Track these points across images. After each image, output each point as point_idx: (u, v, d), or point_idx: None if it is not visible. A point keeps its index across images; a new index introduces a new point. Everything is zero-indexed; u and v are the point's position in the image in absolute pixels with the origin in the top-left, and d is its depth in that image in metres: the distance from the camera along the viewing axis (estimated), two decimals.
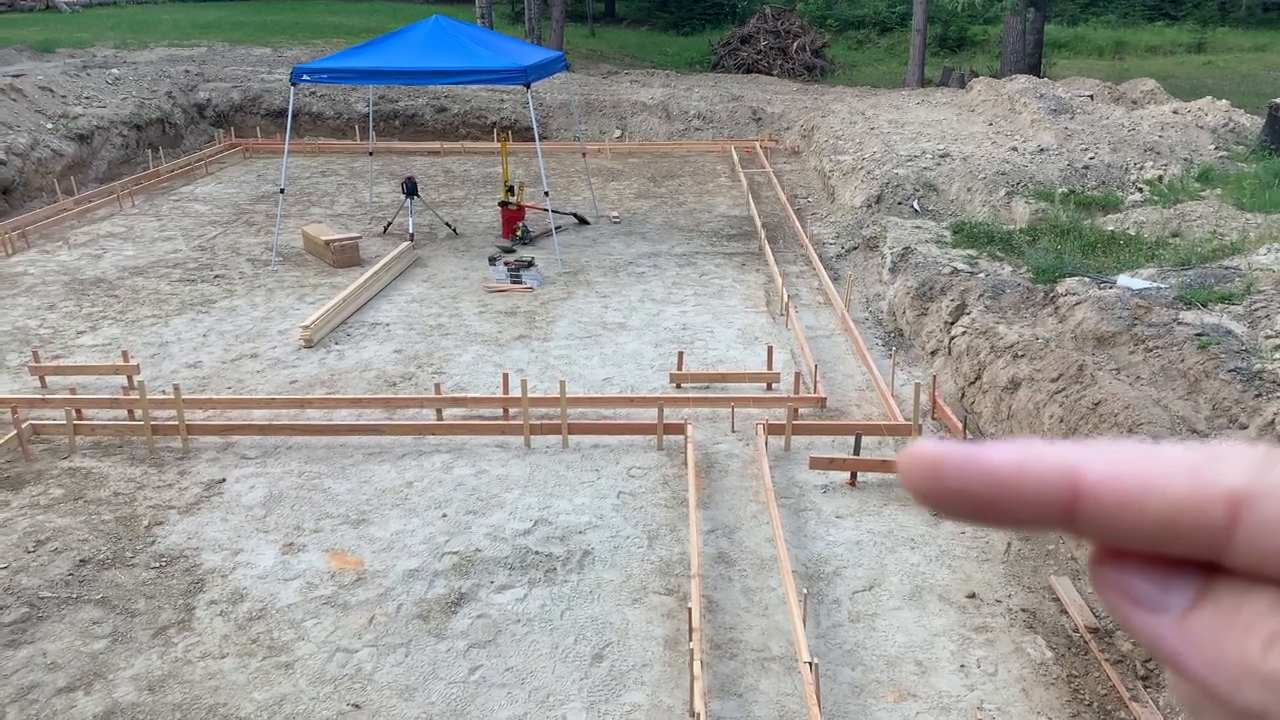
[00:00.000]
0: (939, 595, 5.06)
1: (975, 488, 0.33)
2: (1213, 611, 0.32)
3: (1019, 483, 0.33)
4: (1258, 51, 27.25)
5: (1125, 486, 0.32)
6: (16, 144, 12.87)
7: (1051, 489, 0.32)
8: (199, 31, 25.45)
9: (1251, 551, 0.31)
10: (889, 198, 11.07)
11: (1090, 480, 0.32)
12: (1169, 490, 0.31)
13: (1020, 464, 0.33)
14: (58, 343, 8.37)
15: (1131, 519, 0.32)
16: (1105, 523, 0.32)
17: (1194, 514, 0.31)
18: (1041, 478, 0.33)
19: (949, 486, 0.33)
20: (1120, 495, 0.32)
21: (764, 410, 6.93)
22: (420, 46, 10.24)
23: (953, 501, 0.34)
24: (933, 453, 0.34)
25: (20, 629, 4.81)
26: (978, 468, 0.33)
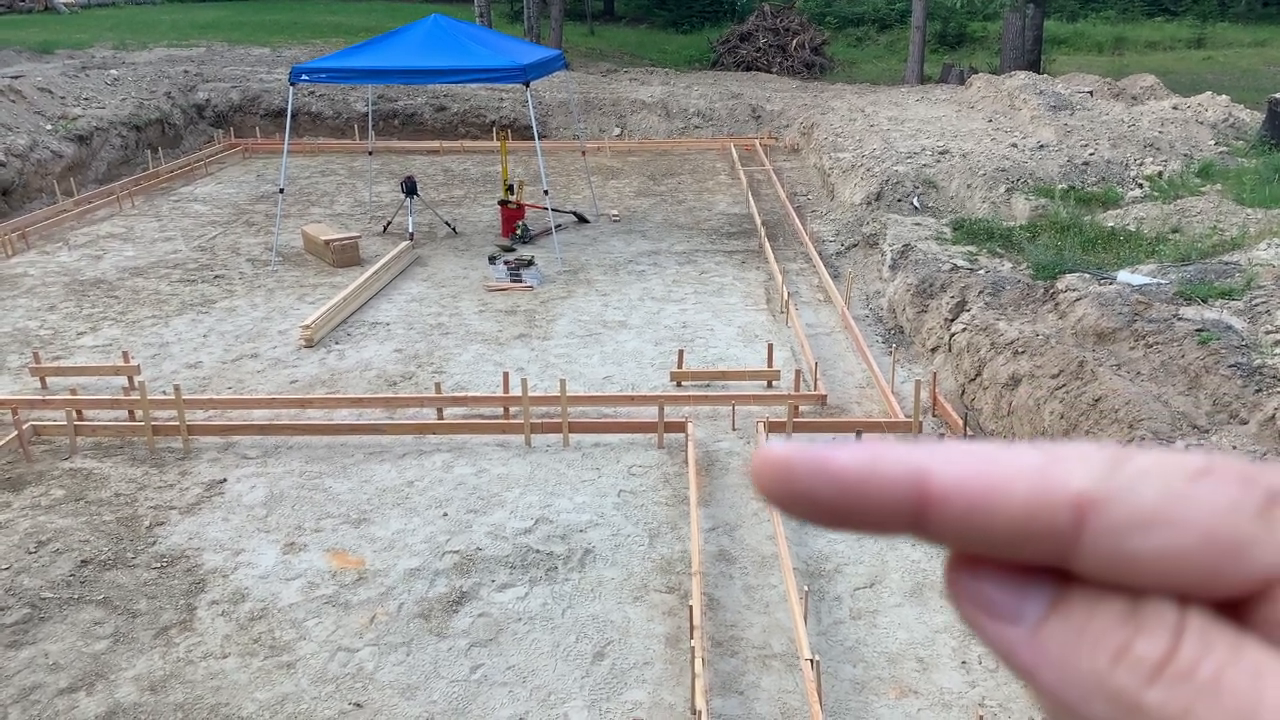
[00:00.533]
0: (940, 592, 5.06)
1: (822, 492, 0.32)
2: (1064, 623, 0.31)
3: (866, 487, 0.32)
4: (1257, 47, 27.23)
5: (972, 490, 0.31)
6: (16, 145, 12.88)
7: (899, 493, 0.31)
8: (198, 32, 25.45)
9: (1098, 557, 0.30)
10: (889, 195, 11.07)
11: (938, 484, 0.31)
12: (1015, 494, 0.30)
13: (868, 467, 0.32)
14: (58, 344, 8.38)
15: (979, 524, 0.31)
16: (954, 528, 0.31)
17: (1041, 518, 0.30)
18: (889, 482, 0.31)
19: (797, 490, 0.32)
20: (967, 499, 0.31)
21: (764, 408, 6.93)
22: (419, 46, 10.24)
23: (801, 505, 0.33)
24: (781, 455, 0.33)
25: (22, 630, 4.82)
26: (825, 471, 0.32)
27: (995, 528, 0.31)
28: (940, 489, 0.31)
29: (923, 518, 0.31)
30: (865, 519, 0.32)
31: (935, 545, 0.32)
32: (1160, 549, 0.29)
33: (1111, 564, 0.30)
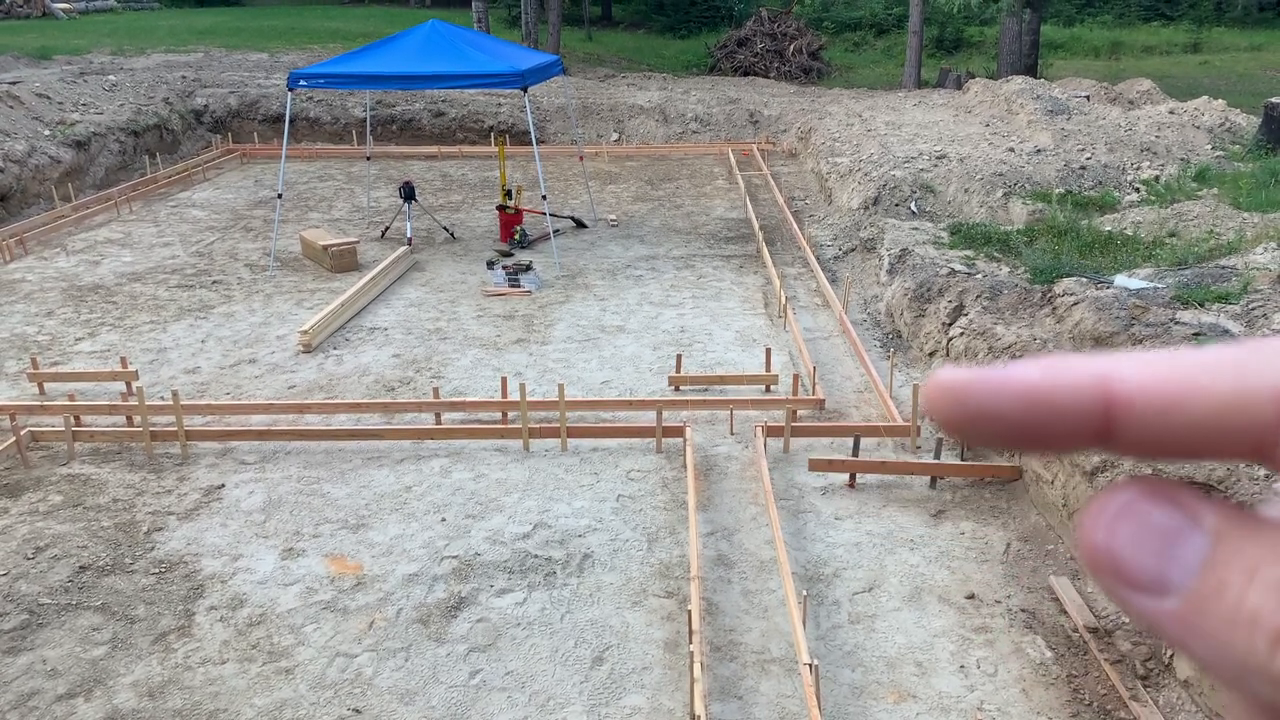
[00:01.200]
0: (938, 596, 5.06)
1: (1004, 408, 0.31)
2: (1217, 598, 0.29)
3: (1049, 398, 0.30)
4: (1254, 51, 27.29)
5: (1164, 390, 0.29)
6: (14, 151, 12.88)
7: (1085, 401, 0.30)
8: (196, 37, 25.47)
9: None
10: (886, 199, 11.08)
11: (1126, 388, 0.30)
12: (1213, 389, 0.29)
13: (1049, 378, 0.31)
14: (56, 349, 8.37)
15: (1173, 424, 0.29)
16: (1146, 432, 0.30)
17: (1241, 412, 0.28)
18: (1073, 390, 0.30)
19: (977, 410, 0.31)
20: (1160, 399, 0.29)
21: (763, 412, 6.94)
22: (417, 51, 10.25)
23: (982, 426, 0.31)
24: (957, 378, 0.32)
25: (20, 636, 4.81)
26: (1005, 388, 0.31)
27: (1189, 427, 0.29)
28: (1128, 392, 0.30)
29: (1110, 425, 0.30)
30: (1051, 433, 0.31)
31: (1124, 455, 0.31)
32: None
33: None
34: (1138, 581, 0.30)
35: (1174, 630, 0.30)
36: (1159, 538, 0.30)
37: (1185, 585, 0.29)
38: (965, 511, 5.83)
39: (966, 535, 5.59)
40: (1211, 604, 0.29)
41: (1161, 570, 0.30)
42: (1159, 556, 0.30)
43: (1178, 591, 0.29)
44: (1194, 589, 0.29)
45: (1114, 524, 0.31)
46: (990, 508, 5.86)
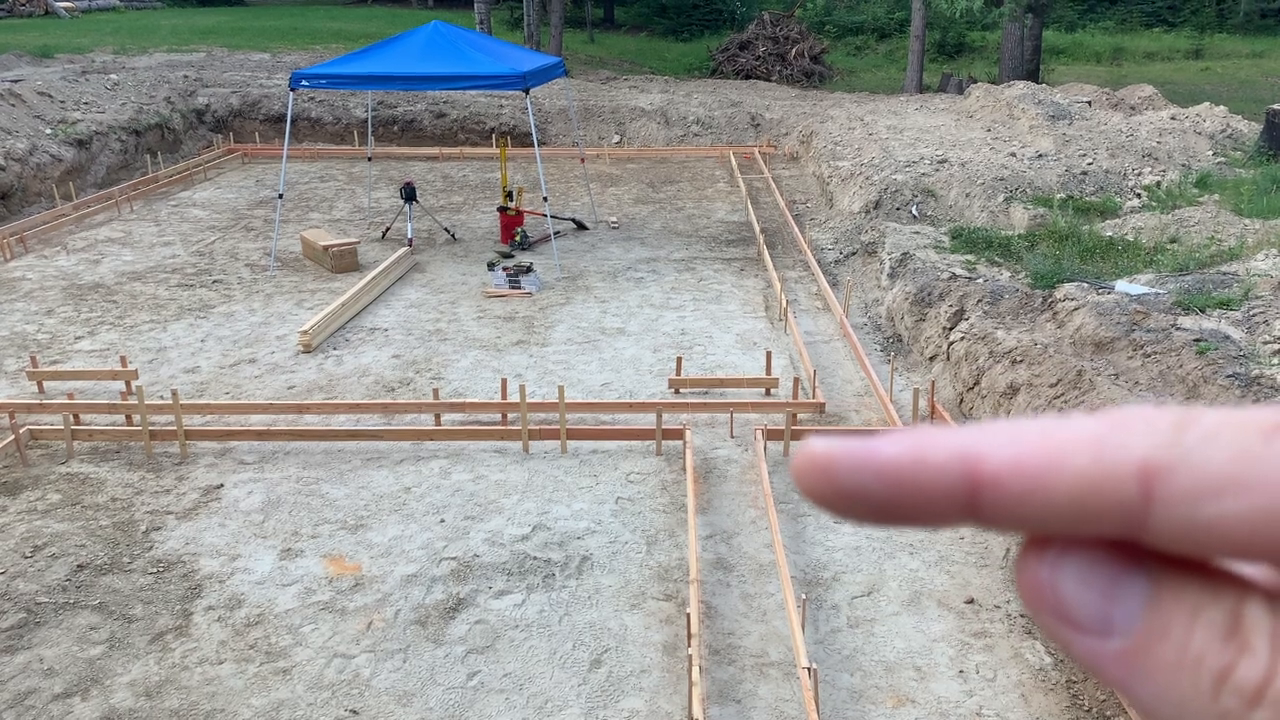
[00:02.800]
0: (938, 601, 5.05)
1: (870, 487, 0.30)
2: (1161, 639, 0.28)
3: (915, 477, 0.30)
4: (1255, 58, 27.31)
5: (1026, 468, 0.29)
6: (15, 149, 12.88)
7: (951, 480, 0.29)
8: (198, 37, 25.48)
9: (1170, 529, 0.28)
10: (887, 203, 11.08)
11: (989, 466, 0.29)
12: (1074, 467, 0.28)
13: (915, 457, 0.30)
14: (56, 348, 8.37)
15: (1037, 504, 0.29)
16: (1012, 510, 0.29)
17: (1104, 492, 0.28)
18: (939, 469, 0.29)
19: (843, 488, 0.30)
20: (1022, 479, 0.29)
21: (763, 415, 6.93)
22: (419, 52, 10.26)
23: (848, 504, 0.31)
24: (823, 453, 0.31)
25: (17, 634, 4.80)
26: (870, 466, 0.30)
27: (1055, 506, 0.29)
28: (993, 471, 0.29)
29: (977, 503, 0.29)
30: (916, 512, 0.30)
31: (994, 530, 0.30)
32: (1238, 515, 0.27)
33: (1185, 535, 0.28)
34: (1081, 623, 0.30)
35: (1117, 672, 0.29)
36: (1103, 578, 0.30)
37: (1129, 627, 0.29)
38: None
39: (966, 540, 5.58)
40: (1156, 645, 0.28)
41: (1105, 611, 0.29)
42: (1103, 597, 0.29)
43: (1122, 633, 0.29)
44: (1138, 630, 0.29)
45: (1057, 564, 0.30)
46: None
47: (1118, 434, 0.28)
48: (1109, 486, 0.28)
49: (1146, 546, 0.29)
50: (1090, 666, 0.30)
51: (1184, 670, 0.28)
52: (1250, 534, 0.27)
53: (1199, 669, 0.28)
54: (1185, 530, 0.28)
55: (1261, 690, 0.27)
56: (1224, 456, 0.27)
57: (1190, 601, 0.29)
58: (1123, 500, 0.28)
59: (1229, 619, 0.28)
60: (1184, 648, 0.28)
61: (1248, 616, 0.28)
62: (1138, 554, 0.30)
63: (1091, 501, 0.28)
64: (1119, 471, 0.28)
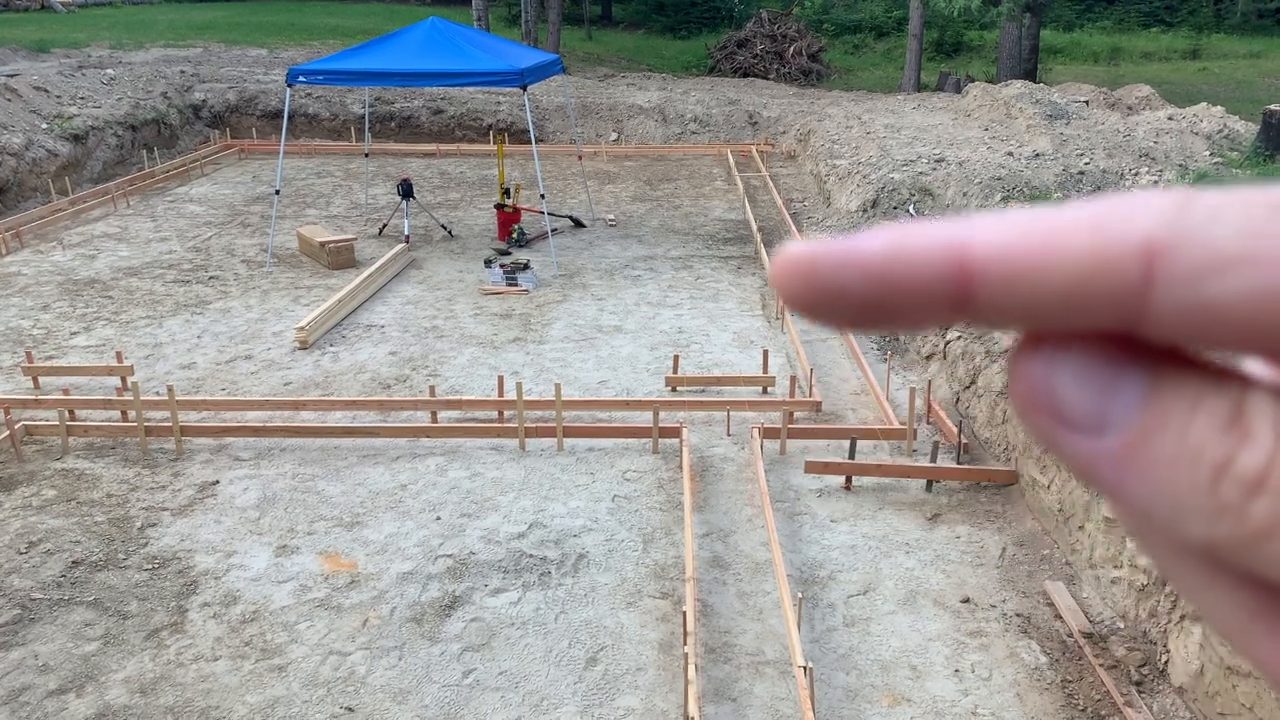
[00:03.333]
0: (933, 600, 5.06)
1: (852, 284, 0.29)
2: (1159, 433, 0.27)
3: (900, 270, 0.28)
4: (1253, 58, 27.36)
5: (1020, 254, 0.27)
6: (11, 144, 12.84)
7: (937, 271, 0.28)
8: (195, 32, 25.42)
9: (1172, 313, 0.26)
10: (885, 202, 11.09)
11: (979, 254, 0.28)
12: (1071, 250, 0.27)
13: (900, 249, 0.28)
14: (51, 343, 8.35)
15: (1031, 291, 0.27)
16: (1003, 300, 0.28)
17: (1102, 275, 0.26)
18: (924, 260, 0.28)
19: (823, 287, 0.29)
20: (1015, 265, 0.27)
21: (759, 414, 6.93)
22: (417, 48, 10.24)
23: (831, 304, 0.29)
24: (803, 252, 0.29)
25: (12, 630, 4.79)
26: (852, 260, 0.29)
27: (1050, 292, 0.27)
28: (983, 257, 0.28)
29: (966, 294, 0.28)
30: (901, 308, 0.29)
31: (984, 326, 0.29)
32: (1244, 292, 0.25)
33: (1188, 319, 0.26)
34: (1076, 420, 0.28)
35: (1111, 472, 0.28)
36: (1099, 373, 0.28)
37: (1126, 422, 0.28)
38: (961, 515, 5.83)
39: (962, 539, 5.59)
40: (1152, 439, 0.27)
41: (1101, 407, 0.28)
42: (1100, 393, 0.28)
43: (1117, 429, 0.28)
44: (1135, 425, 0.27)
45: (1051, 361, 0.29)
46: (986, 512, 5.86)
47: (1117, 215, 0.27)
48: (1109, 267, 0.26)
49: (1146, 340, 0.28)
50: (1083, 469, 0.29)
51: (1181, 464, 0.27)
52: (1255, 312, 0.25)
53: (1198, 461, 0.27)
54: (1188, 312, 0.26)
55: (1263, 478, 0.26)
56: (1229, 232, 0.26)
57: (1190, 393, 0.27)
58: (1123, 282, 0.26)
59: (1231, 409, 0.27)
60: (1182, 440, 0.27)
61: (1250, 406, 0.27)
62: (1136, 350, 0.28)
63: (1090, 285, 0.27)
64: (1119, 251, 0.26)
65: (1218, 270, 0.25)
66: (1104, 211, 0.27)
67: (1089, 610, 4.92)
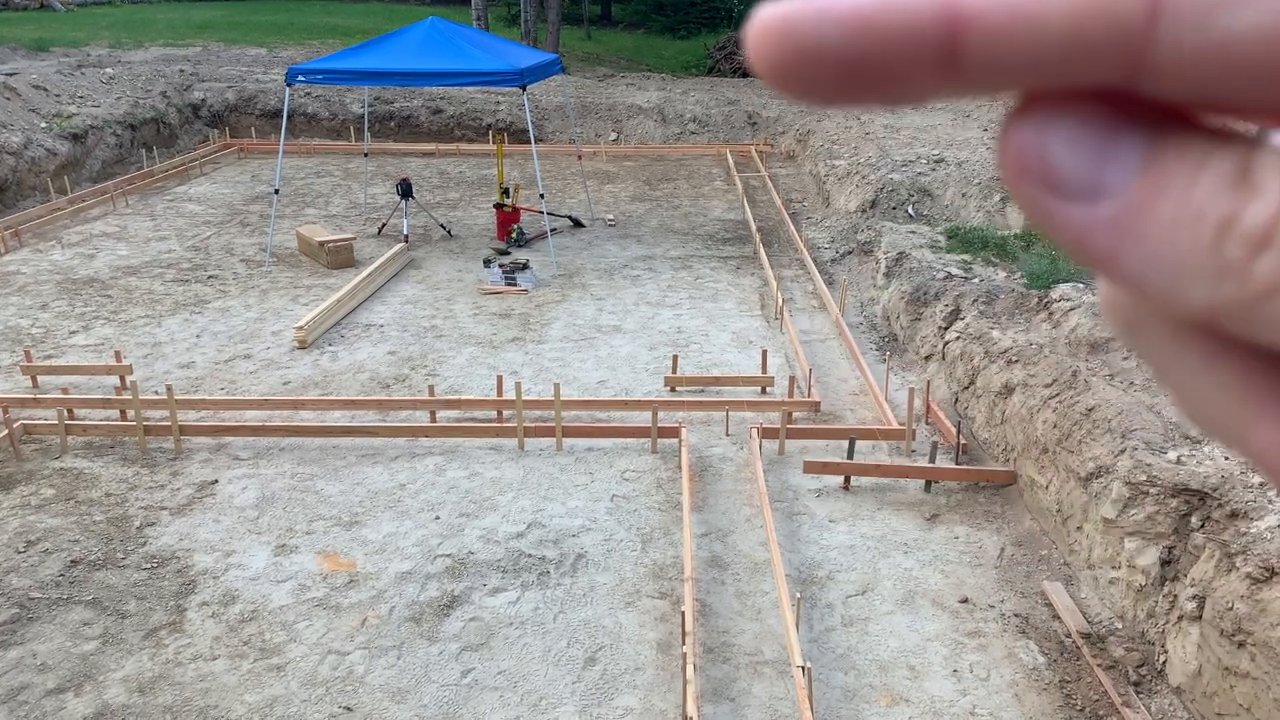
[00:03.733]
0: (932, 600, 5.06)
1: (832, 41, 0.26)
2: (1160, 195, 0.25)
3: (884, 21, 0.26)
4: None
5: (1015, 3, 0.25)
6: (10, 142, 12.84)
7: (925, 20, 0.25)
8: (194, 31, 25.42)
9: (1179, 54, 0.24)
10: (884, 203, 11.09)
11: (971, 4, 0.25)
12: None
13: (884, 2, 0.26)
14: (50, 342, 8.34)
15: (1026, 38, 0.25)
16: (996, 53, 0.25)
17: (1103, 13, 0.24)
18: (911, 8, 0.26)
19: (802, 49, 0.26)
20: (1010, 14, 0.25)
21: (758, 414, 6.93)
22: (416, 48, 10.24)
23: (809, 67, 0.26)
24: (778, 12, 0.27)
25: (10, 630, 4.79)
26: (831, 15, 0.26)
27: (1046, 39, 0.25)
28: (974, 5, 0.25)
29: (956, 47, 0.26)
30: (886, 67, 0.26)
31: (975, 89, 0.27)
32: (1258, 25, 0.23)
33: (1194, 63, 0.24)
34: (1069, 186, 0.26)
35: (1105, 240, 0.26)
36: (1095, 136, 0.26)
37: (1124, 186, 0.26)
38: (959, 516, 5.83)
39: (960, 539, 5.59)
40: (1152, 203, 0.26)
41: (1097, 171, 0.26)
42: (1095, 157, 0.26)
43: (1115, 194, 0.26)
44: (1134, 188, 0.26)
45: (1045, 124, 0.27)
46: (984, 512, 5.87)
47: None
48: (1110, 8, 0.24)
49: (1147, 98, 0.26)
50: (1076, 240, 0.27)
51: (1183, 225, 0.25)
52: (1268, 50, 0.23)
53: (1200, 221, 0.25)
54: (1195, 54, 0.24)
55: (1269, 233, 0.24)
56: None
57: (1195, 152, 0.26)
58: (1125, 21, 0.24)
59: (1237, 167, 0.25)
60: (1185, 201, 0.25)
61: (1258, 162, 0.25)
62: (1136, 111, 0.26)
63: (1090, 26, 0.25)
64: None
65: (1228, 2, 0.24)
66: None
67: (1087, 611, 4.92)
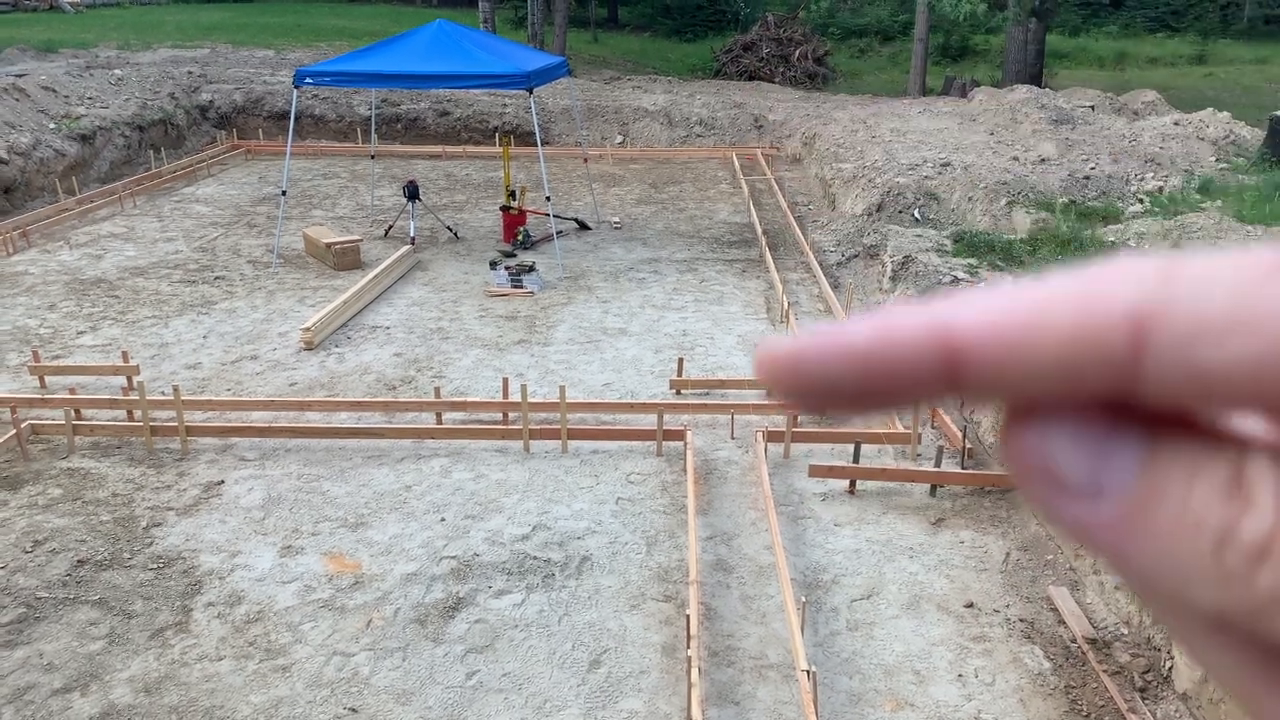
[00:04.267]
0: (937, 604, 5.06)
1: (840, 375, 0.29)
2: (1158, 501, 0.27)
3: (886, 359, 0.28)
4: (1259, 64, 27.31)
5: (1004, 332, 0.27)
6: (19, 143, 12.88)
7: (924, 356, 0.28)
8: (202, 33, 25.49)
9: (1164, 378, 0.26)
10: (890, 206, 11.08)
11: (965, 335, 0.27)
12: (1055, 325, 0.26)
13: (882, 338, 0.28)
14: (58, 342, 8.37)
15: (1020, 367, 0.27)
16: (992, 377, 0.27)
17: (1091, 345, 0.26)
18: (910, 344, 0.28)
19: (812, 382, 0.29)
20: (1001, 343, 0.27)
21: (763, 417, 6.93)
22: (423, 50, 10.26)
23: (822, 396, 0.29)
24: (786, 351, 0.30)
25: (17, 629, 4.80)
26: (837, 352, 0.29)
27: (1039, 367, 0.27)
28: (969, 339, 0.28)
29: (955, 375, 0.28)
30: (892, 394, 0.29)
31: (977, 399, 0.29)
32: (1237, 357, 0.25)
33: (1181, 383, 0.26)
34: (1072, 487, 0.28)
35: (1110, 539, 0.27)
36: (1093, 439, 0.28)
37: (1123, 488, 0.27)
38: (965, 520, 5.83)
39: (966, 544, 5.59)
40: (1151, 507, 0.27)
41: (1097, 473, 0.28)
42: (1095, 458, 0.28)
43: (1115, 496, 0.27)
44: (1133, 492, 0.27)
45: (1044, 429, 0.28)
46: (990, 516, 5.86)
47: (1099, 287, 0.27)
48: (1095, 341, 0.26)
49: (1140, 405, 0.27)
50: (1082, 537, 0.28)
51: (1183, 533, 0.26)
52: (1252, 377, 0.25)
53: (1199, 530, 0.26)
54: (1181, 378, 0.26)
55: (1267, 546, 0.25)
56: (1220, 296, 0.25)
57: (1188, 459, 0.27)
58: (1112, 352, 0.26)
59: (1230, 475, 0.26)
60: (1182, 509, 0.26)
61: (1250, 471, 0.26)
62: (1132, 413, 0.28)
63: (1078, 358, 0.26)
64: (1104, 324, 0.26)
65: (1209, 336, 0.25)
66: (1085, 284, 0.27)
67: (1093, 616, 4.91)
